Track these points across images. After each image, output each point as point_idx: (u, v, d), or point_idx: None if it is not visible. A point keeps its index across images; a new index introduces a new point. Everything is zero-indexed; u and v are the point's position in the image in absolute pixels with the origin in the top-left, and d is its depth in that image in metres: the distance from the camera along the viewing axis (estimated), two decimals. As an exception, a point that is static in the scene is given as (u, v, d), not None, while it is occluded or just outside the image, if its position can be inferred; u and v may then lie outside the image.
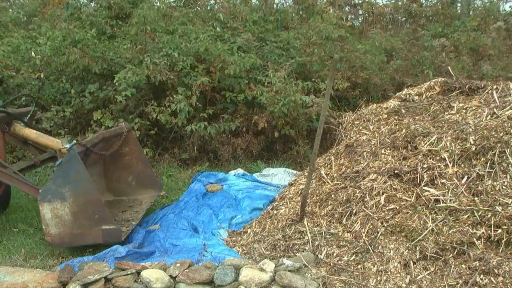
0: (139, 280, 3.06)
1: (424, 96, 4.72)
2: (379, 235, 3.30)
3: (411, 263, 3.09)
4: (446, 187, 3.37)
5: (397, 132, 4.05)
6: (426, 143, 3.71)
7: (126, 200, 4.74)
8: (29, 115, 4.61)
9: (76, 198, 3.56)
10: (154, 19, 6.91)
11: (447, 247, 3.07)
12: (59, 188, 3.55)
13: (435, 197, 3.35)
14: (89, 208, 3.59)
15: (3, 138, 4.34)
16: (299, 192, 4.28)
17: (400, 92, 5.01)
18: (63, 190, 3.55)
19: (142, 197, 4.74)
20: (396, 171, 3.63)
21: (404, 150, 3.82)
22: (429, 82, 4.94)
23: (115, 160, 4.77)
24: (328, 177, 4.14)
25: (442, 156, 3.54)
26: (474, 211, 3.17)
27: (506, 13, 11.12)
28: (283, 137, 6.87)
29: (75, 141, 3.71)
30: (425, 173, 3.50)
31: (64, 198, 3.55)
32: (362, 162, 3.98)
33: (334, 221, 3.63)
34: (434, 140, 3.70)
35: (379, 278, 3.06)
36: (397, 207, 3.41)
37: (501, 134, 3.50)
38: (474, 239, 3.06)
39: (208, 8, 9.96)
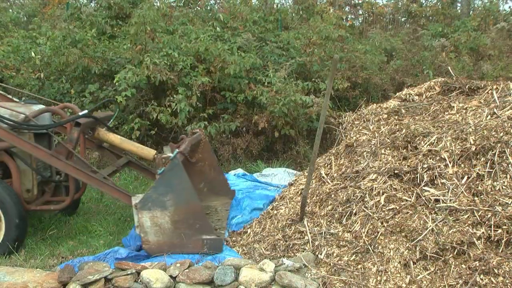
0: (139, 280, 3.06)
1: (424, 96, 4.72)
2: (379, 235, 3.29)
3: (411, 263, 3.09)
4: (446, 187, 3.37)
5: (397, 132, 4.05)
6: (426, 143, 3.71)
7: None
8: (111, 120, 4.60)
9: (177, 207, 3.51)
10: (154, 19, 6.91)
11: (447, 247, 3.07)
12: (160, 196, 3.50)
13: (435, 197, 3.35)
14: (191, 218, 3.54)
15: (84, 143, 4.29)
16: (299, 192, 4.28)
17: (400, 92, 5.00)
18: (164, 199, 3.50)
19: (214, 204, 4.66)
20: (396, 171, 3.63)
21: (404, 150, 3.82)
22: (429, 82, 4.93)
23: (187, 167, 4.69)
24: (328, 177, 4.13)
25: (442, 156, 3.54)
26: (474, 211, 3.17)
27: (506, 13, 11.12)
28: (283, 137, 6.87)
29: (177, 150, 3.67)
30: (425, 173, 3.50)
31: (164, 206, 3.50)
32: (362, 162, 3.98)
33: (334, 221, 3.63)
34: (434, 140, 3.70)
35: (379, 278, 3.06)
36: (397, 207, 3.41)
37: (501, 134, 3.50)
38: (474, 239, 3.06)
39: (208, 8, 9.96)
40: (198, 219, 3.55)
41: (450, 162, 3.49)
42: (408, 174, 3.56)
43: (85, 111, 4.13)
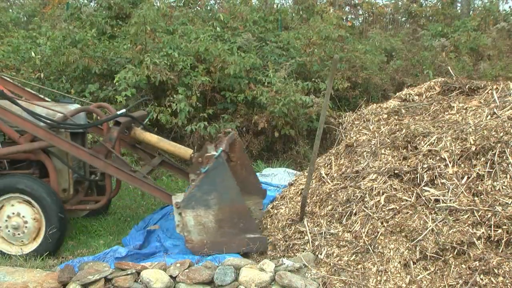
0: (139, 280, 3.06)
1: (424, 96, 4.72)
2: (379, 235, 3.29)
3: (411, 263, 3.09)
4: (446, 187, 3.37)
5: (397, 132, 4.05)
6: (426, 143, 3.71)
7: None
8: (147, 119, 4.56)
9: (222, 205, 3.49)
10: (154, 19, 6.92)
11: (447, 247, 3.07)
12: (204, 195, 3.47)
13: (435, 197, 3.35)
14: (235, 216, 3.51)
15: (119, 142, 4.21)
16: (299, 192, 4.28)
17: (400, 92, 5.00)
18: (208, 197, 3.47)
19: (247, 203, 4.56)
20: (396, 171, 3.63)
21: (404, 150, 3.82)
22: (429, 82, 4.93)
23: None
24: (328, 177, 4.13)
25: (442, 156, 3.54)
26: (474, 211, 3.16)
27: (506, 13, 11.13)
28: (283, 137, 6.87)
29: (221, 149, 3.63)
30: (425, 173, 3.49)
31: (208, 205, 3.48)
32: (362, 162, 3.97)
33: (334, 221, 3.63)
34: (434, 140, 3.70)
35: (379, 278, 3.06)
36: (397, 207, 3.41)
37: (501, 134, 3.49)
38: (474, 239, 3.06)
39: (208, 8, 9.96)
40: (243, 218, 3.53)
41: (450, 162, 3.49)
42: (408, 174, 3.56)
43: (123, 110, 4.07)
